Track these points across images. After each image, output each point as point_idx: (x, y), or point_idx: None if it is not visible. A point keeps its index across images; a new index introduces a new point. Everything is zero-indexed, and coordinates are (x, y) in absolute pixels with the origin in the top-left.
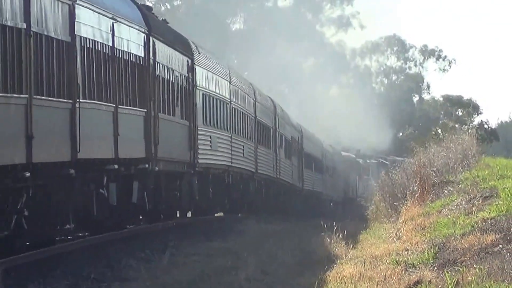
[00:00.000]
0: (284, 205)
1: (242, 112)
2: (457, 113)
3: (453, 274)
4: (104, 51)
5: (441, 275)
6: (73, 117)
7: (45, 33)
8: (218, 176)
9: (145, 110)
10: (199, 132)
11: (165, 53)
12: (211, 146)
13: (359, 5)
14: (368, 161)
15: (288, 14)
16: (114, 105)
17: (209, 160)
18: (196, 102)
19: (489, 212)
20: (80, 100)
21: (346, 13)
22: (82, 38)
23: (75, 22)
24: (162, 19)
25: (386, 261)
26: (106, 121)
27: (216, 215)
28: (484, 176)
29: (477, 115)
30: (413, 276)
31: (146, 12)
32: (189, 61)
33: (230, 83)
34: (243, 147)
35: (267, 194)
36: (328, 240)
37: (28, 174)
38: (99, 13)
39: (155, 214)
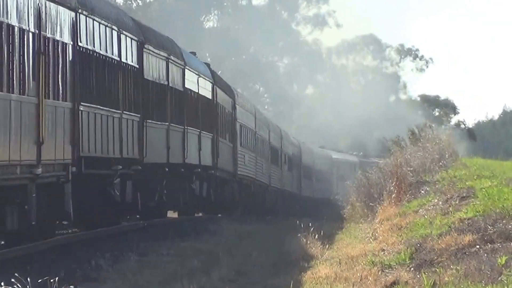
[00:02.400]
0: (288, 209)
1: (262, 139)
2: (434, 113)
3: (430, 274)
4: (195, 96)
5: (418, 276)
6: (184, 137)
7: (174, 87)
8: (247, 186)
9: (212, 134)
10: (238, 152)
11: (221, 97)
12: (244, 163)
13: (335, 3)
14: None
15: (263, 13)
16: (199, 130)
17: (244, 172)
18: (236, 131)
19: (466, 213)
20: (187, 127)
21: (322, 12)
22: (186, 88)
23: (185, 79)
24: (218, 73)
25: (362, 262)
26: (195, 140)
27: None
28: (461, 176)
29: (454, 115)
30: (390, 276)
31: (211, 68)
32: (232, 101)
33: (255, 118)
34: (262, 165)
35: (276, 201)
36: (304, 240)
37: (167, 169)
38: (193, 72)
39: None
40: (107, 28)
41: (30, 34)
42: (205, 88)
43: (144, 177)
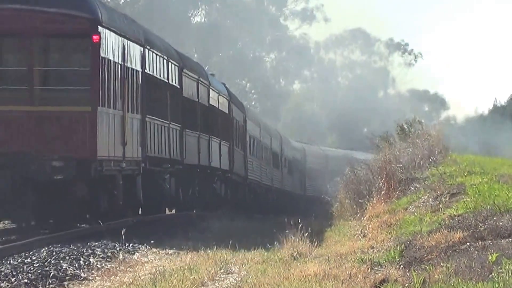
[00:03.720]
0: (290, 207)
1: (265, 147)
2: (423, 108)
3: (420, 272)
4: (216, 111)
5: (408, 274)
6: (209, 144)
7: (202, 103)
8: (254, 188)
9: (229, 143)
10: (248, 159)
11: (235, 111)
12: (253, 168)
13: None
14: None
15: (251, 7)
16: (219, 139)
17: (252, 177)
18: (246, 140)
19: (457, 209)
20: (211, 136)
21: (310, 6)
22: (210, 104)
23: (209, 97)
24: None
25: (351, 259)
26: (217, 147)
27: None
28: (451, 173)
29: (444, 110)
30: (379, 274)
31: (227, 87)
32: (244, 115)
33: (260, 129)
34: (266, 169)
35: (278, 200)
36: (293, 237)
37: (198, 170)
38: (214, 90)
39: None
40: (160, 58)
41: (119, 65)
42: (223, 104)
43: (184, 175)
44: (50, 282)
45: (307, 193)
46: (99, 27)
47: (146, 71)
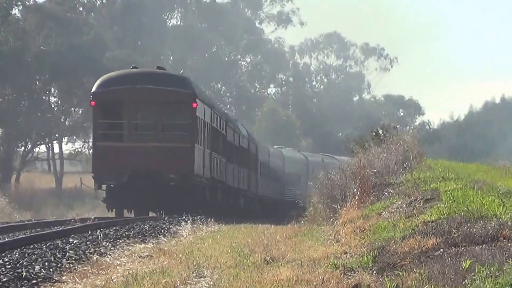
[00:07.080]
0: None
1: (274, 169)
2: (398, 113)
3: (393, 278)
4: (243, 149)
5: (381, 279)
6: (238, 172)
7: (235, 144)
8: (261, 199)
9: (248, 171)
10: (258, 179)
11: (251, 147)
12: (262, 186)
13: (300, 1)
14: None
15: (227, 10)
16: (244, 169)
17: (262, 192)
18: (258, 166)
19: (430, 215)
20: (240, 167)
21: (285, 10)
22: (240, 144)
23: (239, 141)
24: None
25: (325, 264)
26: (242, 175)
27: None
28: (426, 178)
29: (419, 115)
30: (352, 280)
31: (247, 130)
32: (256, 147)
33: (269, 156)
34: (273, 186)
35: (281, 209)
36: (266, 241)
37: (232, 189)
38: (241, 135)
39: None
40: (217, 115)
41: (202, 120)
42: (245, 144)
43: (226, 192)
44: (22, 284)
45: None
46: (196, 98)
47: (212, 124)
